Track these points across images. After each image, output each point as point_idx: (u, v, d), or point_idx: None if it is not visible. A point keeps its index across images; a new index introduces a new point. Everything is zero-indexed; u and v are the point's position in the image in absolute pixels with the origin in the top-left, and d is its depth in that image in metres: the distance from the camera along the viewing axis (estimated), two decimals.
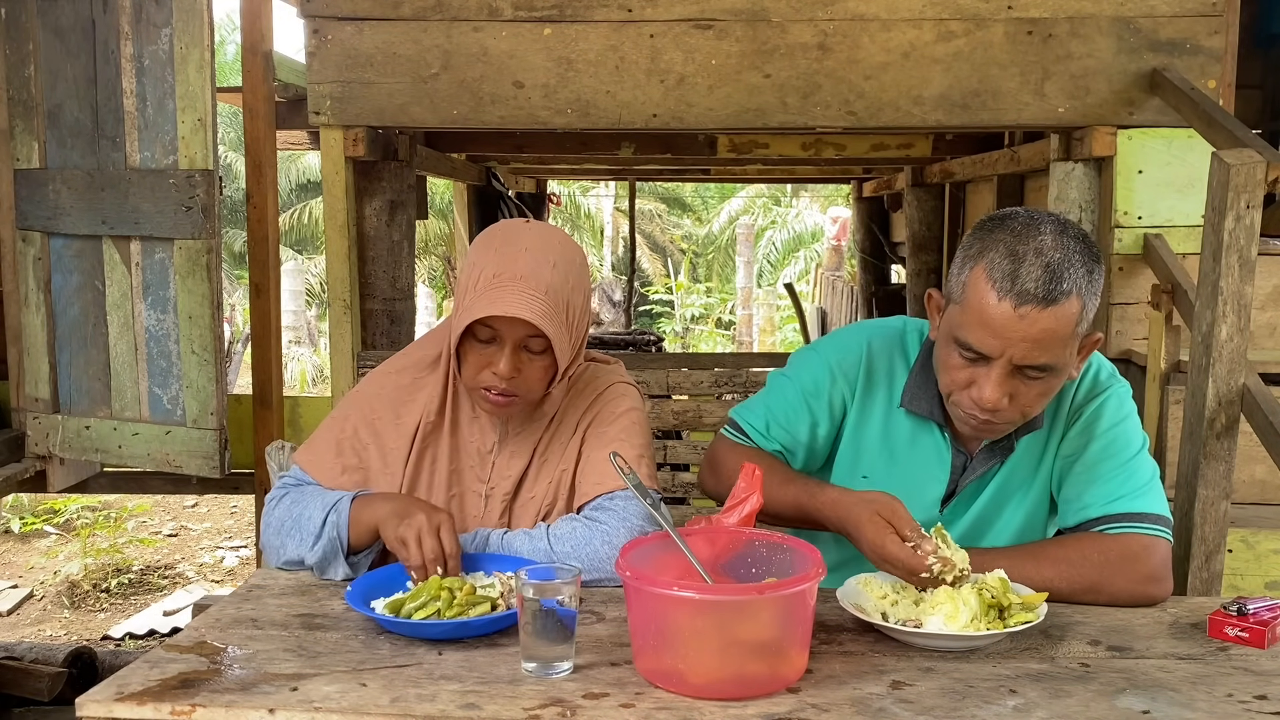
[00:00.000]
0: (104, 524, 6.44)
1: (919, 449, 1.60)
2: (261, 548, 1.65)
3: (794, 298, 9.90)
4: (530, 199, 6.98)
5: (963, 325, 1.40)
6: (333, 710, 1.14)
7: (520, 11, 2.99)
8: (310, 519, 1.55)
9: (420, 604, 1.37)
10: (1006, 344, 1.36)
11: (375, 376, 1.71)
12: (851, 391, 1.62)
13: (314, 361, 13.47)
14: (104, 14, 3.07)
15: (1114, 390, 1.57)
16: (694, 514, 1.60)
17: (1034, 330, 1.35)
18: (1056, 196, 3.06)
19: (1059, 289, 1.34)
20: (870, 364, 1.62)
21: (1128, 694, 1.19)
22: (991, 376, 1.39)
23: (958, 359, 1.43)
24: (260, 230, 3.32)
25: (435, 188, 12.84)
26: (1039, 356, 1.37)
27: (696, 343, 16.85)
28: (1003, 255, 1.37)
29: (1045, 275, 1.34)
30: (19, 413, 3.35)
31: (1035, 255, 1.35)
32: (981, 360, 1.40)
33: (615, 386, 1.69)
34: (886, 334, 1.64)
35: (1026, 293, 1.34)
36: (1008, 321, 1.35)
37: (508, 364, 1.51)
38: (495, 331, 1.52)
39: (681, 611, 1.19)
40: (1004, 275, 1.35)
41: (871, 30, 2.96)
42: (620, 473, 1.43)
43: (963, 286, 1.41)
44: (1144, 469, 1.54)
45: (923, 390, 1.57)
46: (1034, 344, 1.35)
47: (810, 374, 1.64)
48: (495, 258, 1.52)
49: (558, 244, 1.57)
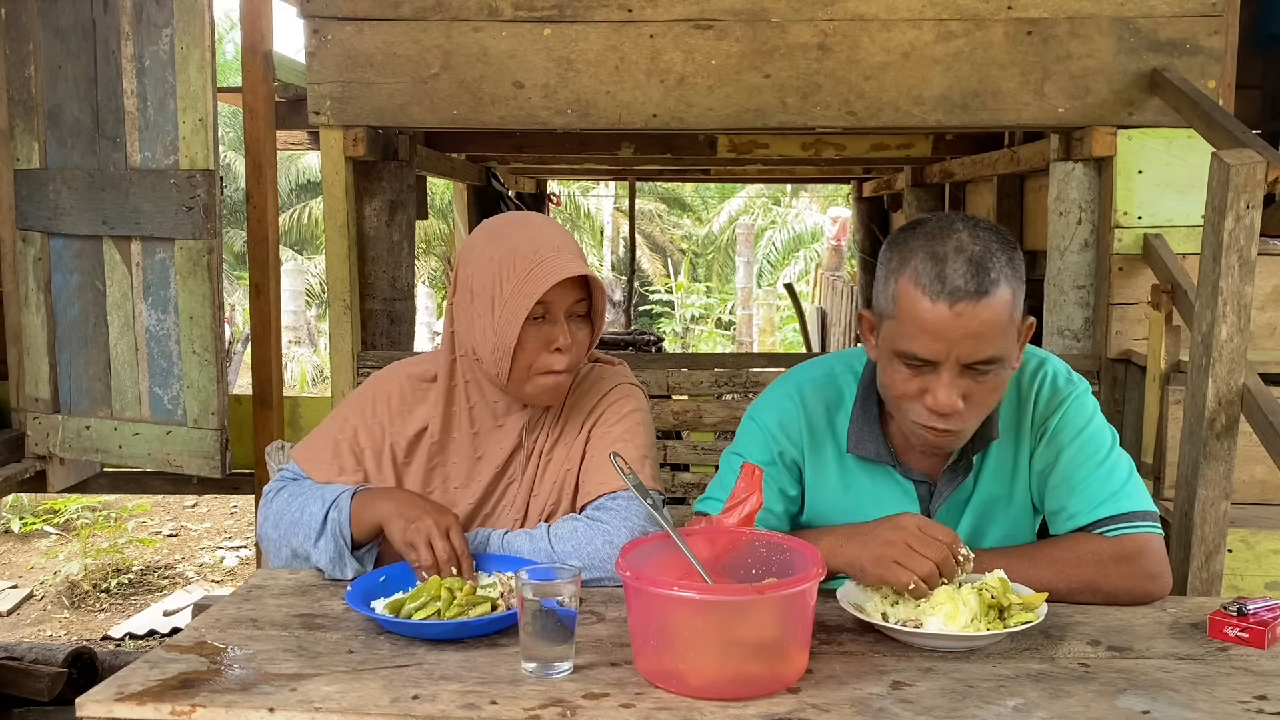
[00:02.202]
0: (104, 524, 6.44)
1: (880, 490, 1.57)
2: (259, 541, 1.65)
3: (794, 298, 9.90)
4: (530, 199, 6.98)
5: (902, 337, 1.39)
6: (333, 710, 1.14)
7: (520, 11, 2.99)
8: (311, 515, 1.55)
9: (420, 604, 1.37)
10: (950, 345, 1.36)
11: (378, 380, 1.71)
12: (799, 448, 1.59)
13: (314, 361, 13.47)
14: (104, 14, 3.07)
15: (1075, 394, 1.56)
16: (694, 514, 1.60)
17: (973, 325, 1.35)
18: (1056, 196, 3.06)
19: (988, 279, 1.34)
20: (808, 417, 1.59)
21: (1128, 694, 1.20)
22: (942, 379, 1.38)
23: (904, 371, 1.41)
24: (260, 230, 3.32)
25: (435, 188, 12.84)
26: (984, 350, 1.36)
27: (696, 343, 16.85)
28: (925, 260, 1.37)
29: (972, 269, 1.34)
30: (19, 413, 3.35)
31: (957, 253, 1.36)
32: (928, 367, 1.39)
33: (620, 387, 1.70)
34: (815, 382, 1.61)
35: (958, 290, 1.34)
36: (946, 322, 1.35)
37: (566, 334, 1.54)
38: (546, 307, 1.53)
39: (682, 612, 1.19)
40: (932, 278, 1.35)
41: (871, 30, 2.96)
42: (620, 473, 1.43)
43: (893, 300, 1.40)
44: (1120, 467, 1.55)
45: (866, 431, 1.55)
46: (976, 338, 1.35)
47: (757, 446, 1.60)
48: (517, 243, 1.54)
49: (552, 221, 1.65)
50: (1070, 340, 3.05)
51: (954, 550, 1.35)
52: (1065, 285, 3.04)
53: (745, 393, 3.10)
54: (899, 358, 1.41)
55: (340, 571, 1.54)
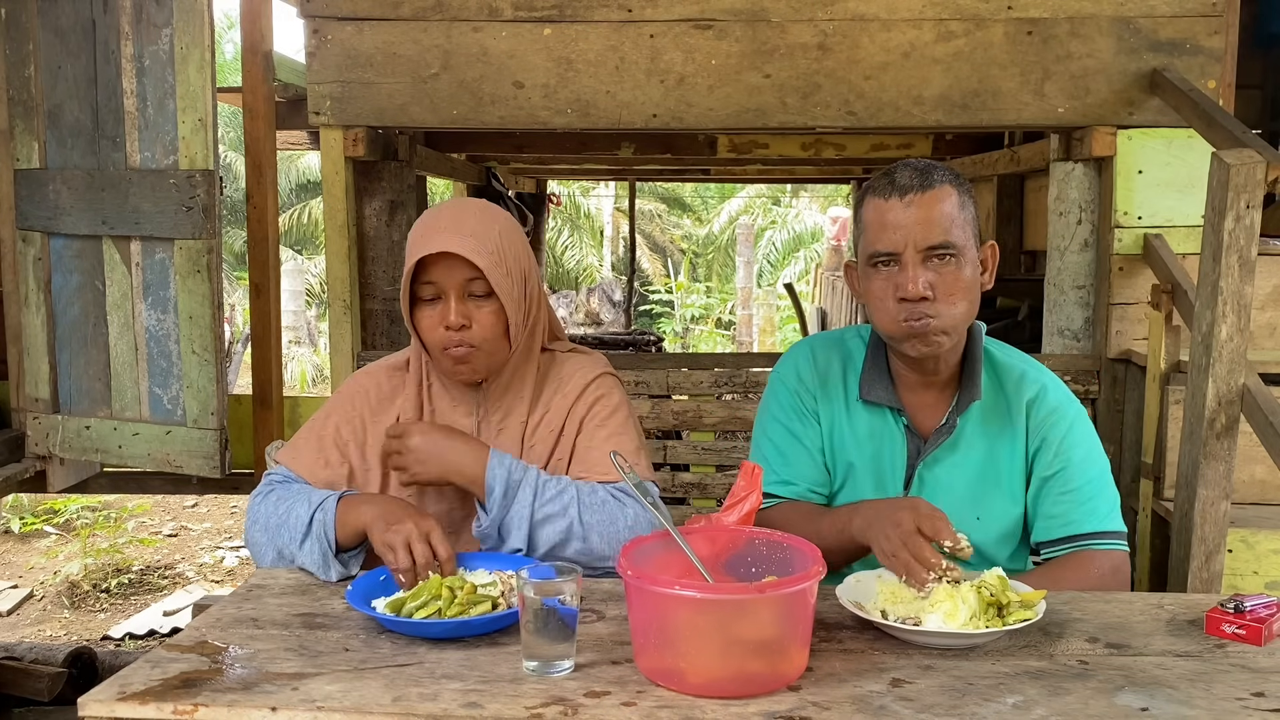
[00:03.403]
0: (104, 524, 6.44)
1: (877, 437, 1.71)
2: (245, 542, 1.67)
3: (794, 298, 9.90)
4: (530, 199, 6.98)
5: (869, 243, 1.60)
6: (335, 709, 1.14)
7: (520, 11, 2.99)
8: (297, 518, 1.56)
9: (421, 603, 1.37)
10: (906, 232, 1.55)
11: (355, 378, 1.76)
12: (815, 397, 1.75)
13: (314, 361, 13.47)
14: (104, 14, 3.07)
15: (1079, 410, 1.72)
16: (694, 514, 1.61)
17: (922, 213, 1.55)
18: (1056, 196, 3.06)
19: (932, 178, 1.56)
20: (821, 368, 1.76)
21: (1126, 691, 1.20)
22: (907, 269, 1.55)
23: (879, 277, 1.59)
24: (260, 230, 3.32)
25: (435, 188, 12.83)
26: (935, 235, 1.55)
27: (696, 343, 16.85)
28: (881, 178, 1.61)
29: (917, 172, 1.58)
30: (19, 413, 3.35)
31: (904, 165, 1.60)
32: (894, 262, 1.57)
33: (602, 379, 1.71)
34: (826, 341, 1.80)
35: (906, 185, 1.56)
36: (899, 213, 1.56)
37: (455, 313, 1.55)
38: (436, 286, 1.56)
39: (682, 610, 1.19)
40: (884, 185, 1.59)
41: (871, 30, 2.96)
42: (621, 473, 1.43)
43: (862, 226, 1.62)
44: (1112, 486, 1.70)
45: (877, 379, 1.70)
46: (927, 224, 1.55)
47: (784, 403, 1.76)
48: (419, 226, 1.59)
49: (476, 203, 1.64)
50: (1070, 340, 3.05)
51: (954, 547, 1.40)
52: (1065, 285, 3.05)
53: (745, 393, 3.10)
54: (871, 265, 1.60)
55: (326, 574, 1.55)
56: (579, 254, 19.58)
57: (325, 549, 1.54)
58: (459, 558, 1.54)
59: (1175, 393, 2.65)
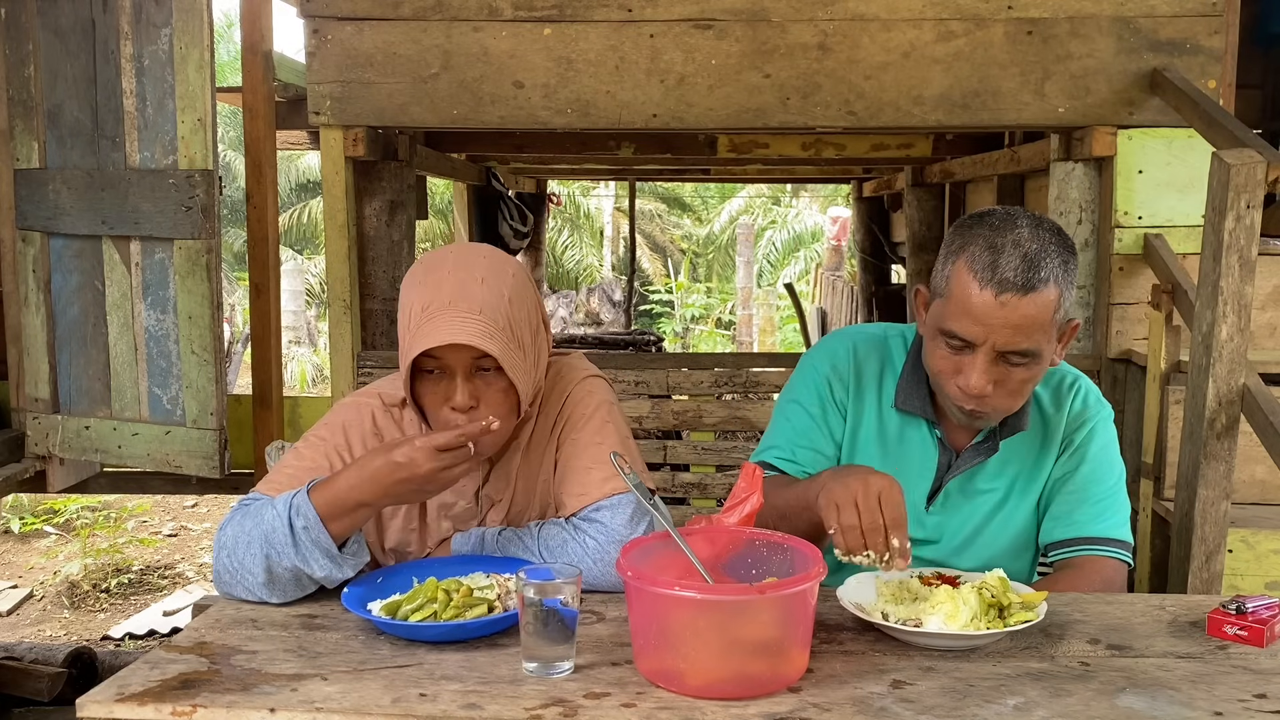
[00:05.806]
0: (104, 524, 6.43)
1: (908, 445, 1.66)
2: (214, 581, 1.53)
3: (794, 298, 9.90)
4: (530, 199, 6.98)
5: (948, 316, 1.48)
6: (334, 710, 1.14)
7: (520, 11, 2.98)
8: (275, 530, 1.42)
9: (417, 606, 1.36)
10: (989, 331, 1.44)
11: (344, 410, 1.63)
12: (846, 391, 1.69)
13: (314, 361, 13.46)
14: (104, 14, 3.07)
15: (1105, 415, 1.67)
16: (694, 514, 1.60)
17: (1014, 317, 1.43)
18: (1056, 196, 3.06)
19: (1037, 277, 1.42)
20: (858, 365, 1.70)
21: (1128, 693, 1.20)
22: (977, 363, 1.46)
23: (944, 349, 1.50)
24: (260, 230, 3.32)
25: (435, 188, 12.84)
26: (1020, 342, 1.44)
27: (696, 343, 16.84)
28: (982, 248, 1.45)
29: (1023, 265, 1.42)
30: (19, 413, 3.35)
31: (1014, 247, 1.43)
32: (967, 348, 1.47)
33: (583, 384, 1.62)
34: (869, 338, 1.73)
35: (1006, 281, 1.42)
36: (989, 309, 1.43)
37: (462, 393, 1.44)
38: (441, 363, 1.44)
39: (682, 611, 1.19)
40: (985, 266, 1.43)
41: (871, 30, 2.96)
42: (621, 473, 1.43)
43: (946, 280, 1.49)
44: (1125, 497, 1.68)
45: (915, 390, 1.64)
46: (1015, 330, 1.43)
47: (810, 388, 1.71)
48: (420, 291, 1.44)
49: (483, 260, 1.48)
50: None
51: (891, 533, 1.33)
52: None
53: (745, 393, 3.10)
54: (942, 335, 1.50)
55: (339, 572, 1.44)
56: (579, 254, 19.57)
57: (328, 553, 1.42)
58: (458, 561, 1.53)
59: (1175, 393, 2.65)
